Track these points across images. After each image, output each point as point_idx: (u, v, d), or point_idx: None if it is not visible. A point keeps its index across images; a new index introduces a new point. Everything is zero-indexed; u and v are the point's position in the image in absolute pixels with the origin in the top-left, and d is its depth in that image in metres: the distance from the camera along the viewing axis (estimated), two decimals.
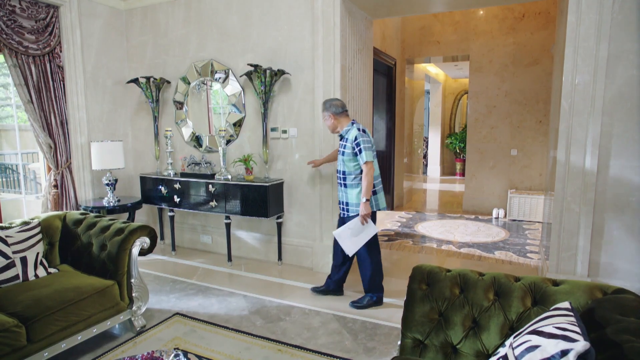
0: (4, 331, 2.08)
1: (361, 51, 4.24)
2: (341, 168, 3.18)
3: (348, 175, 3.14)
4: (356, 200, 3.14)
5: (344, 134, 3.16)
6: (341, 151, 3.17)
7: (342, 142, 3.17)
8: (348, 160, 3.11)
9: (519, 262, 4.31)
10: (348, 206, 3.19)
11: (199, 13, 4.39)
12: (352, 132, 3.09)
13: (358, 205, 3.13)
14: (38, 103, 3.97)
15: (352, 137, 3.07)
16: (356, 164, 3.10)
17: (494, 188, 6.59)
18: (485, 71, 6.45)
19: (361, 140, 3.03)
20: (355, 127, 3.12)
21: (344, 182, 3.18)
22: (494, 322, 1.68)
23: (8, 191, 5.84)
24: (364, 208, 3.04)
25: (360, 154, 3.02)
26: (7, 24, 3.65)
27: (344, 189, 3.20)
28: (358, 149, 3.03)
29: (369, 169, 3.02)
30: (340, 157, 3.18)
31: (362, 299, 3.26)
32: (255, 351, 2.61)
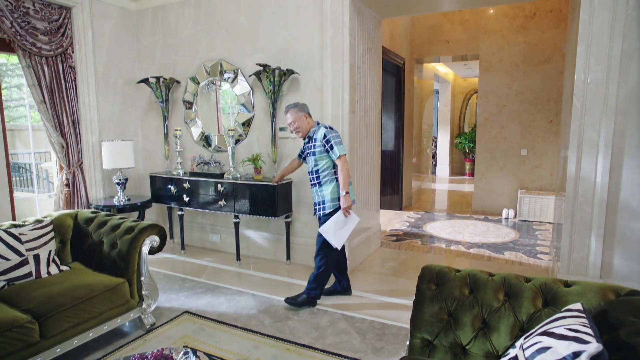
0: (19, 327, 2.12)
1: (370, 50, 4.23)
2: (314, 168, 3.20)
3: (322, 172, 3.17)
4: (332, 196, 3.17)
5: (311, 135, 3.20)
6: (310, 152, 3.20)
7: (311, 144, 3.20)
8: (320, 159, 3.14)
9: (529, 263, 4.27)
10: (324, 204, 3.20)
11: (208, 13, 4.41)
12: (320, 131, 3.14)
13: (335, 201, 3.17)
14: (51, 103, 4.03)
15: (320, 135, 3.12)
16: (328, 160, 3.14)
17: (503, 188, 6.54)
18: (495, 70, 6.40)
19: (331, 136, 3.09)
20: (322, 126, 3.18)
21: (318, 181, 3.20)
22: (504, 323, 1.67)
23: (21, 190, 5.93)
24: (345, 200, 3.08)
25: (332, 149, 3.07)
26: (21, 25, 3.71)
27: (318, 188, 3.21)
28: (329, 145, 3.08)
29: (344, 162, 3.08)
30: (311, 157, 3.20)
31: (298, 296, 3.29)
32: (264, 350, 2.62)
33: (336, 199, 3.17)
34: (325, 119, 3.83)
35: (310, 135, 3.21)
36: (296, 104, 3.23)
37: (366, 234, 4.38)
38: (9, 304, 2.30)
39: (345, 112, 3.77)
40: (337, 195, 3.17)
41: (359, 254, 4.19)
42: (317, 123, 3.24)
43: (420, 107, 7.58)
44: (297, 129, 3.20)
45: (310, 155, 3.22)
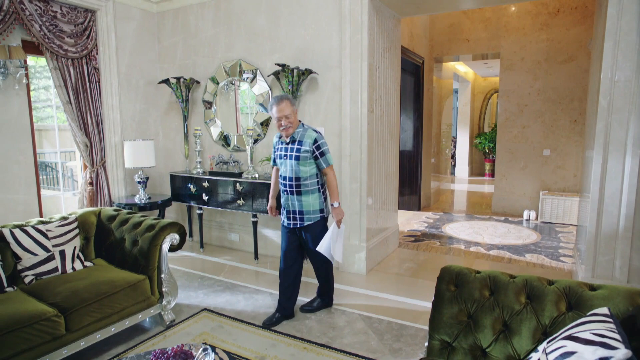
0: (46, 320, 2.19)
1: (389, 50, 4.20)
2: (291, 174, 2.87)
3: (303, 181, 2.86)
4: (315, 207, 2.91)
5: (296, 136, 2.86)
6: (291, 155, 2.86)
7: (293, 146, 2.86)
8: (303, 164, 2.84)
9: (551, 266, 4.17)
10: (303, 215, 2.91)
11: (228, 14, 4.46)
12: (309, 134, 2.85)
13: (316, 213, 2.92)
14: (76, 104, 4.14)
15: (310, 139, 2.82)
16: (313, 168, 2.87)
17: (524, 189, 6.40)
18: (517, 69, 6.27)
19: (322, 142, 2.85)
20: (310, 128, 2.90)
21: (297, 189, 2.88)
22: (526, 326, 1.63)
23: (48, 188, 6.12)
24: (339, 212, 2.91)
25: (323, 157, 2.84)
26: (50, 29, 3.82)
27: (296, 197, 2.90)
28: (320, 151, 2.83)
29: (334, 171, 2.93)
30: (289, 161, 2.86)
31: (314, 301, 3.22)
32: (281, 348, 2.63)
33: (318, 210, 2.93)
34: (344, 118, 3.83)
35: (295, 136, 2.86)
36: (288, 96, 2.89)
37: (384, 234, 4.35)
38: (37, 297, 2.37)
39: (363, 111, 3.75)
40: (320, 206, 2.94)
41: (377, 254, 4.17)
42: (301, 124, 2.92)
43: (439, 107, 7.49)
44: (289, 124, 2.82)
45: (288, 159, 2.87)
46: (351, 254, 3.95)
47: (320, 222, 2.96)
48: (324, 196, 2.99)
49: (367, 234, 3.93)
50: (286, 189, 2.93)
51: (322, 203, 2.97)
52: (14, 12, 3.55)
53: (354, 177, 3.86)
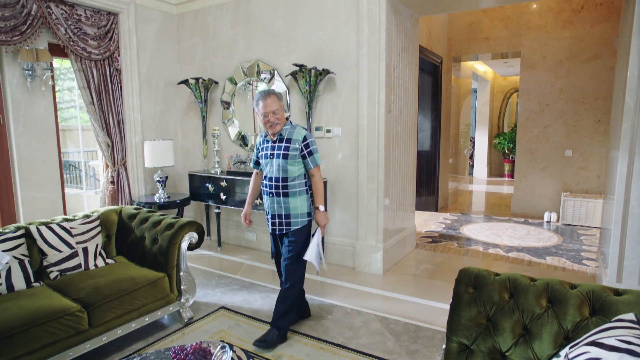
0: (70, 315, 2.25)
1: (407, 49, 4.17)
2: (278, 174, 2.66)
3: (291, 181, 2.66)
4: (302, 211, 2.71)
5: (284, 134, 2.68)
6: (279, 154, 2.66)
7: (281, 144, 2.67)
8: (291, 164, 2.65)
9: (573, 269, 4.07)
10: (290, 219, 2.70)
11: (246, 15, 4.50)
12: (297, 131, 2.69)
13: (304, 217, 2.72)
14: (98, 104, 4.24)
15: (299, 137, 2.66)
16: (300, 168, 2.68)
17: (545, 190, 6.27)
18: (538, 68, 6.14)
19: (311, 140, 2.68)
20: (297, 126, 2.75)
21: (283, 190, 2.67)
22: (547, 331, 1.60)
23: (71, 186, 6.28)
24: (324, 217, 2.71)
25: (311, 156, 2.67)
26: (74, 32, 3.93)
27: (282, 199, 2.68)
28: (308, 150, 2.65)
29: (320, 173, 2.74)
30: (275, 160, 2.67)
31: (268, 334, 2.70)
32: (298, 348, 2.64)
33: (306, 214, 2.74)
34: (361, 118, 3.82)
35: (283, 134, 2.68)
36: (275, 90, 2.73)
37: (401, 235, 4.32)
38: (62, 292, 2.44)
39: (381, 111, 3.74)
40: (307, 209, 2.74)
41: (394, 254, 4.15)
42: (289, 122, 2.75)
43: (457, 107, 7.40)
44: (277, 120, 2.64)
45: (274, 158, 2.67)
46: (368, 255, 3.94)
47: (307, 226, 2.76)
48: (311, 199, 2.79)
49: (384, 235, 3.92)
50: (271, 191, 2.71)
51: (310, 206, 2.77)
52: (42, 16, 3.66)
53: (371, 177, 3.85)
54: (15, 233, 2.57)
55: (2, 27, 3.41)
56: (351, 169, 3.98)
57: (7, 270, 2.43)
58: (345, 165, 4.01)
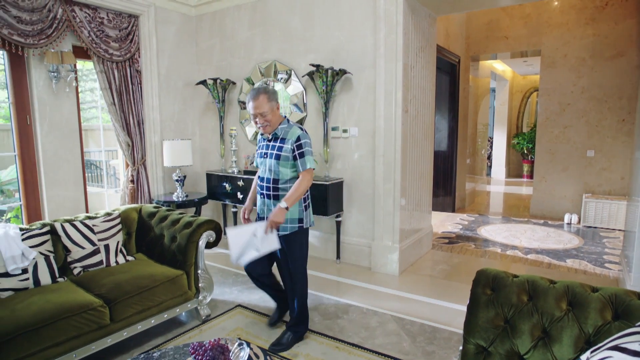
0: (92, 310, 2.32)
1: (424, 49, 4.15)
2: (271, 176, 2.55)
3: (282, 184, 2.54)
4: (292, 216, 2.56)
5: (279, 134, 2.54)
6: (272, 154, 2.53)
7: (275, 144, 2.54)
8: (284, 165, 2.51)
9: (595, 272, 3.98)
10: (284, 223, 2.55)
11: (263, 16, 4.54)
12: (293, 130, 2.52)
13: (294, 222, 2.57)
14: (119, 105, 4.34)
15: (293, 137, 2.49)
16: (293, 170, 2.53)
17: (566, 191, 6.14)
18: (559, 66, 6.02)
19: (305, 141, 2.51)
20: (294, 125, 2.58)
21: (274, 192, 2.55)
22: (567, 334, 1.58)
23: (92, 185, 6.43)
24: (280, 215, 2.41)
25: (303, 158, 2.49)
26: (97, 34, 4.03)
27: (273, 202, 2.56)
28: (300, 151, 2.48)
29: (310, 177, 2.53)
30: (269, 160, 2.54)
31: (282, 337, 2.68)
32: (313, 346, 2.66)
33: (297, 220, 2.59)
34: (378, 119, 3.81)
35: (278, 133, 2.54)
36: (267, 89, 2.50)
37: (417, 236, 4.30)
38: (84, 288, 2.51)
39: (398, 111, 3.72)
40: (299, 215, 2.59)
41: (410, 255, 4.13)
42: (286, 120, 2.60)
43: (475, 107, 7.31)
44: (266, 122, 2.48)
45: (268, 158, 2.55)
46: (384, 255, 3.93)
47: (297, 232, 2.61)
48: (304, 204, 2.63)
49: (400, 235, 3.90)
50: (263, 192, 2.60)
51: (302, 212, 2.61)
52: (67, 19, 3.77)
53: (387, 178, 3.84)
54: (41, 230, 2.65)
55: (30, 31, 3.53)
56: (367, 169, 3.98)
57: (34, 265, 2.51)
58: (362, 166, 4.01)
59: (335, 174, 4.17)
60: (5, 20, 3.38)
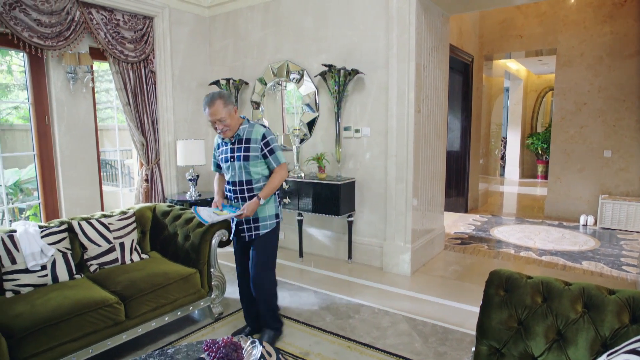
0: (108, 306, 2.36)
1: (437, 49, 4.12)
2: (241, 178, 2.52)
3: (255, 183, 2.53)
4: (270, 213, 2.58)
5: (242, 134, 2.51)
6: (239, 156, 2.50)
7: (240, 145, 2.50)
8: (255, 165, 2.50)
9: (612, 275, 3.91)
10: (259, 222, 2.56)
11: (276, 17, 4.56)
12: (256, 129, 2.51)
13: (272, 219, 2.59)
14: (134, 105, 4.41)
15: (258, 136, 2.49)
16: (264, 168, 2.54)
17: (581, 192, 6.03)
18: (576, 65, 5.92)
19: (271, 138, 2.51)
20: (257, 124, 2.56)
21: (249, 194, 2.53)
22: (583, 337, 1.56)
23: (108, 184, 6.54)
24: (254, 208, 2.46)
25: (272, 155, 2.51)
26: (113, 35, 4.10)
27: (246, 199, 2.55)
28: (268, 148, 2.49)
29: (285, 170, 2.57)
30: (239, 163, 2.50)
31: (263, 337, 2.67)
32: (325, 346, 2.67)
33: (274, 215, 2.61)
34: (390, 118, 3.80)
35: (240, 135, 2.52)
36: (221, 93, 2.45)
37: (429, 236, 4.28)
38: (100, 285, 2.56)
39: (410, 111, 3.71)
40: (275, 211, 2.62)
41: (422, 255, 4.11)
42: (246, 120, 2.57)
43: (488, 106, 7.24)
44: (226, 127, 2.45)
45: (236, 161, 2.51)
46: (395, 255, 3.92)
47: (275, 229, 2.63)
48: (279, 199, 2.70)
49: (412, 235, 3.89)
50: (237, 196, 2.56)
51: (278, 207, 2.65)
52: (84, 21, 3.85)
53: (399, 178, 3.83)
54: (59, 227, 2.72)
55: (49, 34, 3.61)
56: (379, 169, 3.97)
57: (52, 262, 2.57)
58: (374, 165, 4.01)
59: (347, 173, 4.18)
60: (26, 23, 3.46)
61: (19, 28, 3.42)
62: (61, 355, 2.19)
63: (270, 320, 2.72)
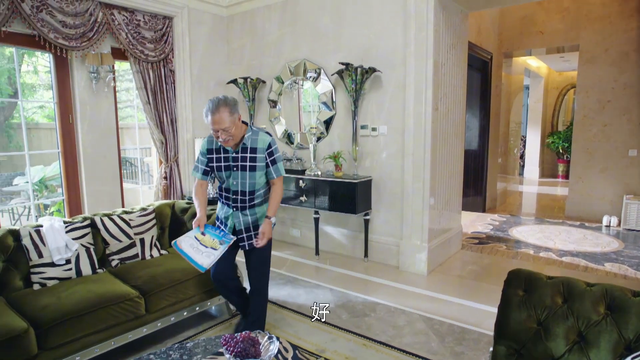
0: (129, 300, 2.42)
1: (455, 46, 4.08)
2: (245, 188, 2.42)
3: (258, 192, 2.47)
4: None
5: (247, 143, 2.39)
6: (244, 166, 2.39)
7: (245, 155, 2.38)
8: (260, 175, 2.43)
9: (636, 277, 3.81)
10: (259, 229, 2.45)
11: (293, 15, 4.58)
12: (262, 138, 2.41)
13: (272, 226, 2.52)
14: (154, 104, 4.49)
15: (264, 144, 2.39)
16: (264, 176, 2.47)
17: (604, 192, 5.88)
18: (599, 62, 5.77)
19: (275, 147, 2.44)
20: (262, 131, 2.45)
21: (250, 203, 2.47)
22: (605, 339, 1.53)
23: (128, 182, 6.68)
24: (269, 228, 2.42)
25: (274, 165, 2.44)
26: (134, 36, 4.19)
27: (249, 211, 2.48)
28: (272, 159, 2.42)
29: (282, 183, 2.53)
30: (244, 173, 2.40)
31: None
32: (341, 343, 2.68)
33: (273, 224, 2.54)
34: (407, 117, 3.78)
35: (246, 144, 2.39)
36: (227, 100, 2.27)
37: (447, 236, 4.24)
38: (122, 279, 2.63)
39: (428, 109, 3.68)
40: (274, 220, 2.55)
41: (439, 255, 4.08)
42: (250, 127, 2.43)
43: (507, 104, 7.11)
44: (229, 137, 2.29)
45: (240, 171, 2.40)
46: (412, 254, 3.90)
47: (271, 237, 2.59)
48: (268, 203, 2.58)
49: (429, 235, 3.86)
50: (236, 205, 2.46)
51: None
52: (106, 22, 3.94)
53: (416, 176, 3.80)
54: (82, 223, 2.79)
55: (73, 35, 3.70)
56: (396, 168, 3.95)
57: (76, 256, 2.65)
58: (391, 164, 3.99)
59: (364, 172, 4.17)
60: (51, 25, 3.56)
61: (45, 30, 3.53)
62: (85, 346, 2.26)
63: (262, 323, 2.69)
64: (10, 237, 2.53)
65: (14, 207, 5.30)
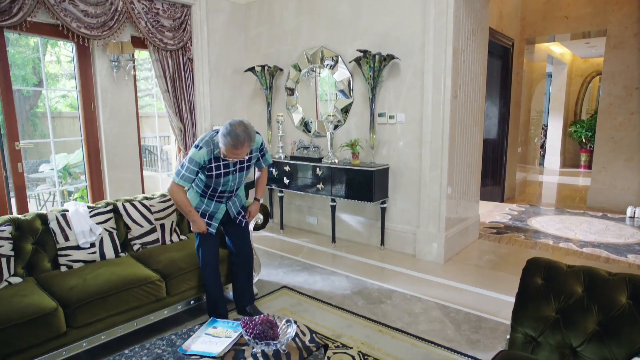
0: (151, 283, 2.50)
1: (475, 32, 3.99)
2: (240, 185, 2.74)
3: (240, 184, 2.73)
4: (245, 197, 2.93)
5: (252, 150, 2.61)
6: (241, 167, 2.60)
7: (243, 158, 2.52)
8: (251, 170, 2.75)
9: None
10: (244, 206, 2.89)
11: (310, 3, 4.55)
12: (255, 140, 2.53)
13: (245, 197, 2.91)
14: (172, 92, 4.54)
15: (257, 146, 2.63)
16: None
17: (629, 183, 5.73)
18: (628, 47, 5.57)
19: (263, 142, 2.70)
20: None
21: (237, 191, 2.75)
22: (627, 330, 1.51)
23: (147, 169, 6.81)
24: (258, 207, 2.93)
25: (263, 157, 2.73)
26: (153, 24, 4.23)
27: (237, 197, 2.76)
28: (262, 152, 2.70)
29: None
30: (240, 174, 2.62)
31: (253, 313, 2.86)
32: (357, 329, 2.71)
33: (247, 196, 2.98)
34: (426, 105, 3.74)
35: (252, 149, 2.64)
36: (250, 135, 2.32)
37: (464, 224, 4.21)
38: (143, 263, 2.70)
39: (446, 97, 3.63)
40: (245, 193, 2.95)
41: (456, 244, 4.05)
42: None
43: (529, 92, 6.95)
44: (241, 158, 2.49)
45: (238, 172, 2.59)
46: (428, 243, 3.89)
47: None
48: None
49: (446, 223, 3.84)
50: (230, 195, 2.70)
51: None
52: (126, 11, 3.98)
53: (434, 165, 3.77)
54: (105, 208, 2.87)
55: (94, 24, 3.76)
56: (413, 156, 3.93)
57: (100, 240, 2.73)
58: (408, 152, 3.97)
59: (381, 160, 4.15)
60: (74, 14, 3.63)
61: (68, 19, 3.59)
62: (110, 326, 2.35)
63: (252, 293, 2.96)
64: (39, 220, 2.63)
65: (40, 193, 5.47)
